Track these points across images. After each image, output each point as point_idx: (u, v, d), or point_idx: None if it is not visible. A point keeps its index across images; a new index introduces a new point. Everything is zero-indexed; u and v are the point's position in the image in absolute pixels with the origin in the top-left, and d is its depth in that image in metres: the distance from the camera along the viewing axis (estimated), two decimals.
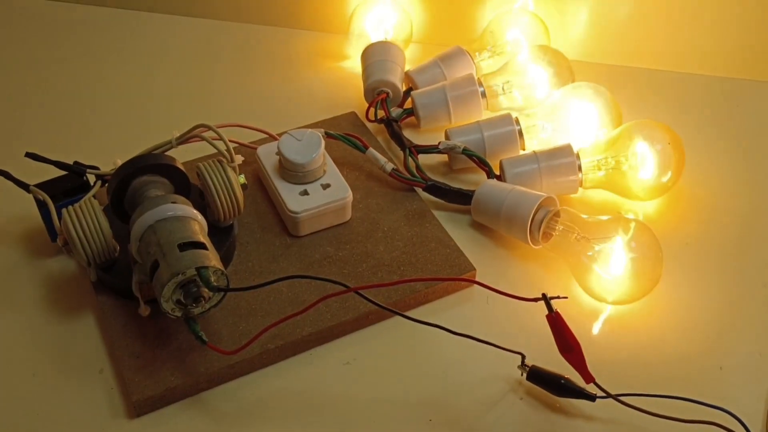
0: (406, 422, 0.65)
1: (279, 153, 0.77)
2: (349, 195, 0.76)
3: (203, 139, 0.76)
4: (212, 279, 0.63)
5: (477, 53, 0.93)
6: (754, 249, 0.78)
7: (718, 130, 0.91)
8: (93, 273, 0.70)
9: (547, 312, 0.63)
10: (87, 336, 0.70)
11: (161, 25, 1.05)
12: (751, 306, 0.73)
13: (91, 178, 0.76)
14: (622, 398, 0.63)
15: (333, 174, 0.78)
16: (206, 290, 0.63)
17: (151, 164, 0.70)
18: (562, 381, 0.64)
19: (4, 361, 0.69)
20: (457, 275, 0.73)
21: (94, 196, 0.73)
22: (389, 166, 0.80)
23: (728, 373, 0.68)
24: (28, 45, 1.03)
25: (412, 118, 0.89)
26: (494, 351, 0.65)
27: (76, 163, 0.76)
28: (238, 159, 0.76)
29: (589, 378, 0.63)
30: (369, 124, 0.89)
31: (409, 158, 0.82)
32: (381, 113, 0.88)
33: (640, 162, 0.77)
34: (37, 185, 0.74)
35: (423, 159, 0.84)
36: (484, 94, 0.88)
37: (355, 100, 0.93)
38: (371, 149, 0.81)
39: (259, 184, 0.81)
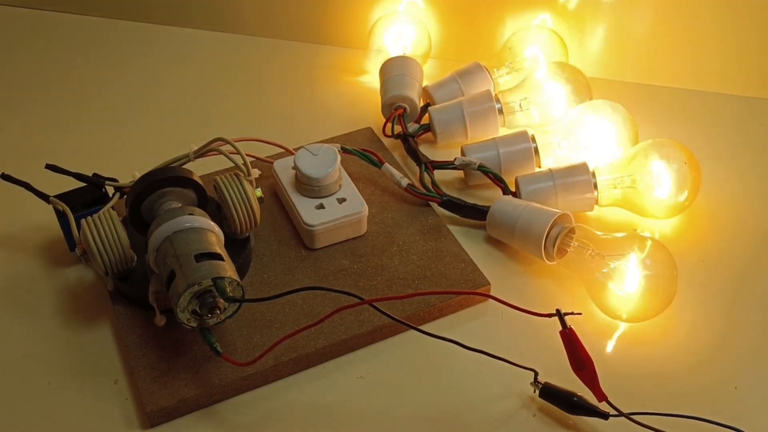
0: None
1: (295, 167, 0.77)
2: (365, 209, 0.77)
3: (220, 152, 0.77)
4: (228, 290, 0.63)
5: (495, 69, 0.93)
6: None
7: (735, 149, 0.91)
8: (110, 282, 0.70)
9: (560, 328, 0.63)
10: (103, 345, 0.71)
11: (180, 39, 1.06)
12: (766, 325, 0.73)
13: (110, 190, 0.77)
14: (634, 417, 0.62)
15: (349, 188, 0.79)
16: (222, 301, 0.63)
17: (168, 177, 0.70)
18: (575, 399, 0.64)
19: (21, 369, 0.69)
20: (472, 290, 0.73)
21: (112, 208, 0.74)
22: (405, 182, 0.81)
23: (743, 393, 0.68)
24: (49, 58, 1.04)
25: (428, 134, 0.89)
26: (507, 366, 0.65)
27: (95, 175, 0.77)
28: (255, 173, 0.77)
29: (601, 396, 0.63)
30: (385, 140, 0.89)
31: (425, 174, 0.83)
32: (398, 128, 0.89)
33: (657, 181, 0.77)
34: (57, 196, 0.75)
35: (439, 174, 0.84)
36: (501, 111, 0.88)
37: (372, 115, 0.93)
38: (386, 165, 0.81)
39: (275, 197, 0.82)
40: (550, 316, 0.63)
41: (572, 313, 0.63)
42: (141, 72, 1.02)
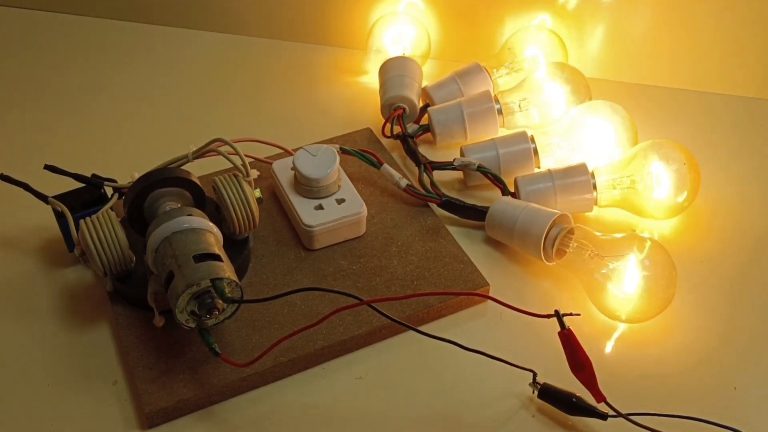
0: None
1: (294, 168, 0.77)
2: (364, 210, 0.77)
3: (219, 153, 0.77)
4: (227, 290, 0.63)
5: (495, 70, 0.93)
6: None
7: (735, 149, 0.90)
8: (109, 283, 0.70)
9: (559, 329, 0.63)
10: (102, 346, 0.71)
11: (179, 39, 1.06)
12: (765, 326, 0.73)
13: (109, 191, 0.77)
14: (633, 417, 0.62)
15: (348, 189, 0.79)
16: (221, 301, 0.63)
17: (167, 178, 0.70)
18: (574, 399, 0.64)
19: (20, 370, 0.69)
20: (471, 290, 0.73)
21: (111, 208, 0.74)
22: (404, 182, 0.81)
23: (742, 393, 0.68)
24: (49, 59, 1.04)
25: (428, 135, 0.89)
26: (506, 367, 0.65)
27: (93, 175, 0.77)
28: (254, 173, 0.77)
29: (599, 397, 0.63)
30: (385, 140, 0.89)
31: (424, 174, 0.83)
32: (397, 129, 0.89)
33: (656, 182, 0.77)
34: (56, 197, 0.75)
35: (438, 175, 0.84)
36: (500, 111, 0.88)
37: (371, 115, 0.93)
38: (386, 165, 0.81)
39: (274, 198, 0.82)
40: (548, 316, 0.63)
41: (571, 314, 0.63)
42: (140, 72, 1.02)
